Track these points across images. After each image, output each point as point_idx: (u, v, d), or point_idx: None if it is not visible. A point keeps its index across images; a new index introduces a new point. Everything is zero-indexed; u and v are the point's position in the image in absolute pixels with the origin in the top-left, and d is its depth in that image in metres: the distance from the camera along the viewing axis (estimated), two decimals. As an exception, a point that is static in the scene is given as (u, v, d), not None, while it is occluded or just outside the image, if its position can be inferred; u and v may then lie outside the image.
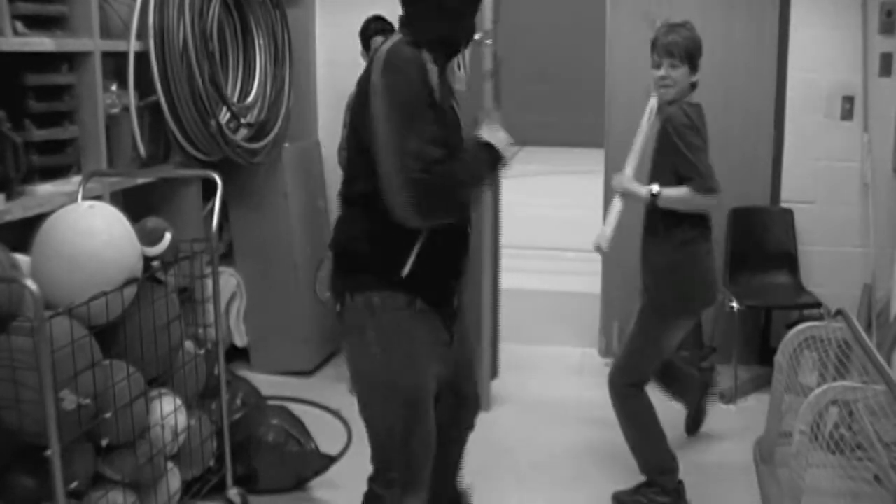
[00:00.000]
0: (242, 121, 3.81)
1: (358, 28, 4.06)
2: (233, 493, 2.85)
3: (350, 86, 2.22)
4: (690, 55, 2.83)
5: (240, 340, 4.31)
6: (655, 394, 3.21)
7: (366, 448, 2.27)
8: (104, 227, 2.28)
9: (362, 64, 4.80)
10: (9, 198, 2.59)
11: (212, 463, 2.80)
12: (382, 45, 2.11)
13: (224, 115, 3.63)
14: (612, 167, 4.53)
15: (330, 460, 3.20)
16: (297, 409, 3.48)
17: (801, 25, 4.22)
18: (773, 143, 4.33)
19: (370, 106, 2.02)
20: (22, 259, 2.23)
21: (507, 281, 4.26)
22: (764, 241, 4.37)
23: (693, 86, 2.88)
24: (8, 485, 2.13)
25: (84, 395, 2.09)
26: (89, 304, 2.14)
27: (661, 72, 2.85)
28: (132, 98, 3.16)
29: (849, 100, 4.22)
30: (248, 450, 3.06)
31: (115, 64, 3.17)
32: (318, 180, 4.61)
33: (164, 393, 2.55)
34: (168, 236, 2.53)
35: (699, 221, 2.93)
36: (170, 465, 2.58)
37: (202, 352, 2.77)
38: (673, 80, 2.84)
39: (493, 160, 2.14)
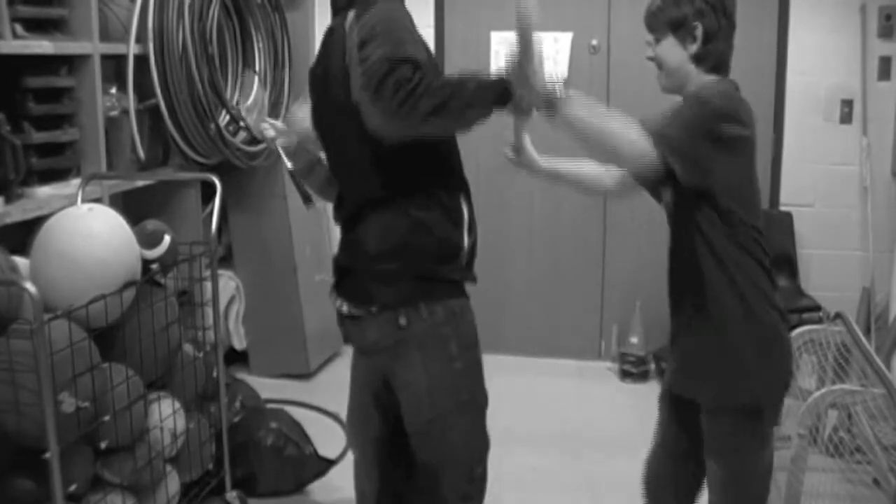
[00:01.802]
0: (241, 124, 3.81)
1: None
2: (231, 496, 2.85)
3: None
4: (674, 20, 2.00)
5: (239, 343, 4.31)
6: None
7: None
8: (103, 229, 2.28)
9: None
10: (8, 200, 2.59)
11: (210, 466, 2.80)
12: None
13: (223, 118, 3.64)
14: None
15: (328, 464, 3.20)
16: (295, 412, 3.48)
17: (800, 29, 4.23)
18: (772, 146, 4.34)
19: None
20: (21, 262, 2.22)
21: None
22: (763, 244, 4.37)
23: (698, 58, 2.02)
24: (6, 487, 2.12)
25: (83, 398, 2.09)
26: (88, 307, 2.14)
27: (648, 52, 2.09)
28: (131, 101, 3.16)
29: (848, 103, 4.23)
30: (246, 453, 3.06)
31: (114, 67, 3.17)
32: (317, 183, 4.60)
33: (162, 396, 2.55)
34: (167, 239, 2.52)
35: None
36: (168, 468, 2.58)
37: (201, 355, 2.76)
38: (659, 60, 2.06)
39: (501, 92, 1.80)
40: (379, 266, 1.94)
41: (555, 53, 4.43)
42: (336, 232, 2.05)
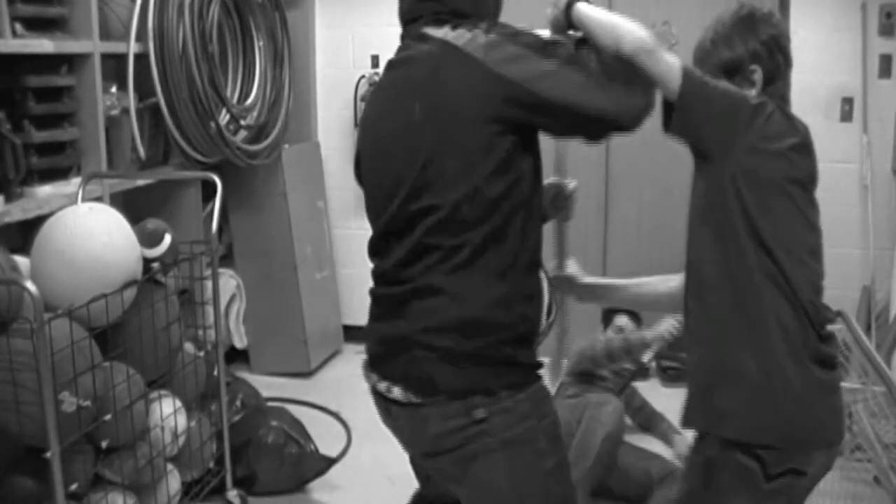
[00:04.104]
0: (242, 122, 3.81)
1: (356, 30, 4.00)
2: (232, 494, 2.85)
3: (350, 87, 2.04)
4: (727, 63, 1.82)
5: (239, 342, 4.31)
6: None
7: (365, 449, 2.25)
8: (104, 228, 2.28)
9: (363, 65, 4.81)
10: (8, 199, 2.59)
11: (211, 465, 2.80)
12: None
13: (223, 117, 3.64)
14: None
15: (329, 462, 3.20)
16: (296, 410, 3.48)
17: (800, 27, 4.22)
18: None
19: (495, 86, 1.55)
20: (21, 261, 2.23)
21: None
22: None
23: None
24: (8, 487, 2.12)
25: (84, 397, 2.09)
26: (89, 306, 2.14)
27: None
28: (132, 100, 3.16)
29: (848, 101, 4.22)
30: (247, 451, 3.06)
31: (114, 66, 3.17)
32: (317, 182, 4.61)
33: (163, 395, 2.55)
34: (168, 238, 2.52)
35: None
36: (169, 466, 2.58)
37: (202, 353, 2.77)
38: None
39: None
40: (447, 343, 1.60)
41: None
42: (338, 231, 1.96)
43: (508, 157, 1.57)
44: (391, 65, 1.74)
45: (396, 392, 1.66)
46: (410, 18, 1.71)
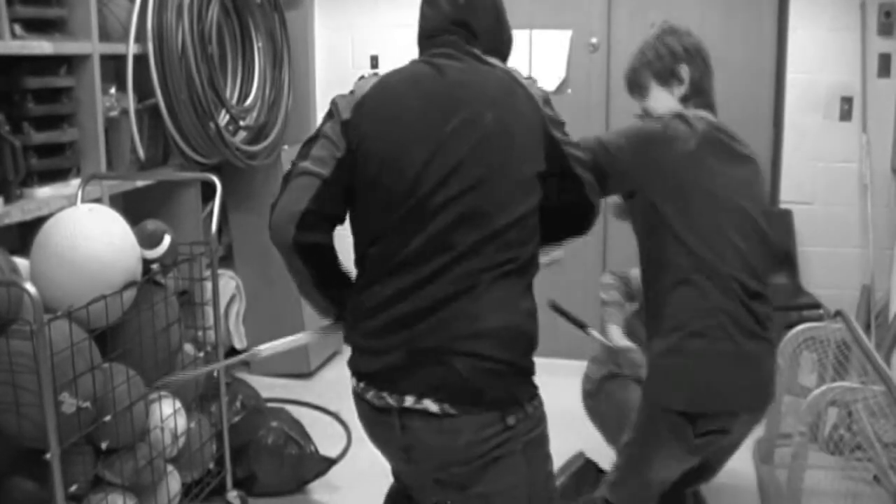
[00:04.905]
0: (241, 123, 3.81)
1: (356, 31, 4.00)
2: (232, 495, 2.85)
3: (349, 88, 2.00)
4: (659, 73, 2.27)
5: (239, 343, 4.31)
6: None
7: (365, 450, 2.26)
8: (103, 230, 2.28)
9: (363, 66, 4.80)
10: (7, 201, 2.59)
11: (211, 466, 2.80)
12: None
13: (223, 118, 3.64)
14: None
15: (330, 462, 3.20)
16: (296, 411, 3.48)
17: (799, 26, 4.22)
18: (771, 143, 4.34)
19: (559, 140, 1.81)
20: (21, 262, 2.23)
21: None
22: (763, 241, 4.36)
23: (686, 98, 2.27)
24: (7, 488, 2.12)
25: (83, 398, 2.09)
26: (89, 308, 2.14)
27: (637, 109, 2.35)
28: (131, 101, 3.16)
29: (847, 100, 4.23)
30: (247, 452, 3.06)
31: (113, 67, 3.17)
32: (317, 182, 4.60)
33: (163, 396, 2.55)
34: (167, 239, 2.52)
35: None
36: (169, 467, 2.58)
37: (202, 354, 2.77)
38: (650, 111, 2.31)
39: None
40: (489, 350, 1.65)
41: (554, 51, 4.43)
42: (338, 231, 1.95)
43: (539, 195, 1.78)
44: (431, 64, 1.79)
45: (428, 404, 1.67)
46: (437, 33, 1.84)
